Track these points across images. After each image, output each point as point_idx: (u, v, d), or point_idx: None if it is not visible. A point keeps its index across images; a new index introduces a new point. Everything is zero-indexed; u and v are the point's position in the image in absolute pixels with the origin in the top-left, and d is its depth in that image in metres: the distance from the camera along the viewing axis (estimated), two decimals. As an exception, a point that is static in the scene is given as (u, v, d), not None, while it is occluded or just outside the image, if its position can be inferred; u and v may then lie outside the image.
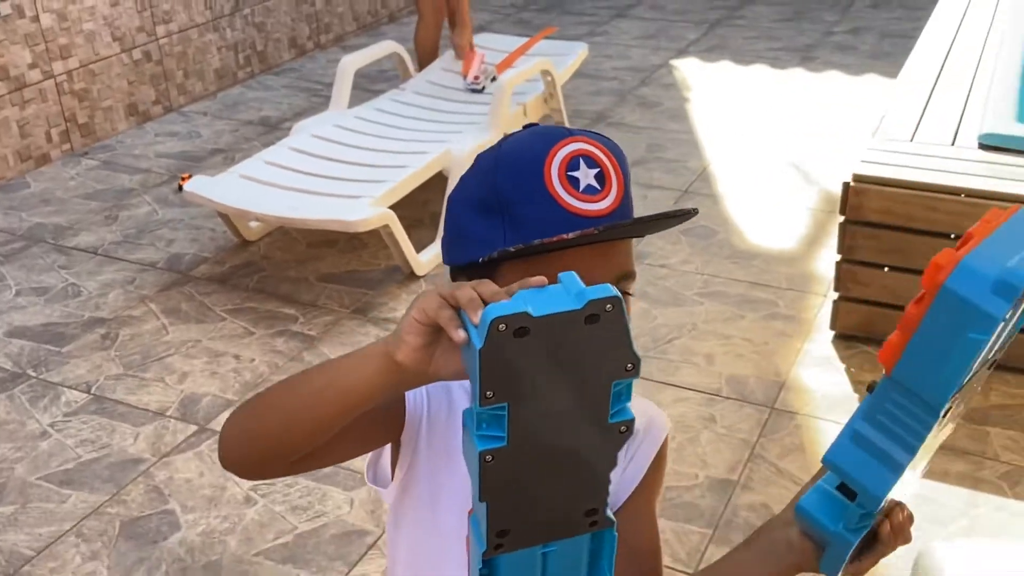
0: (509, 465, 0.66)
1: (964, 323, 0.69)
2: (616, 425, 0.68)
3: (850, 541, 0.84)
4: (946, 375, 0.73)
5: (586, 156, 0.90)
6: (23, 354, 2.93)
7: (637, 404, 0.93)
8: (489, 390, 0.63)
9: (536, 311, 0.62)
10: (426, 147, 3.44)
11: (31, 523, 2.31)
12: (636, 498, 1.02)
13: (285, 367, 2.84)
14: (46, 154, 4.18)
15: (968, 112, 3.03)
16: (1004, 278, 0.67)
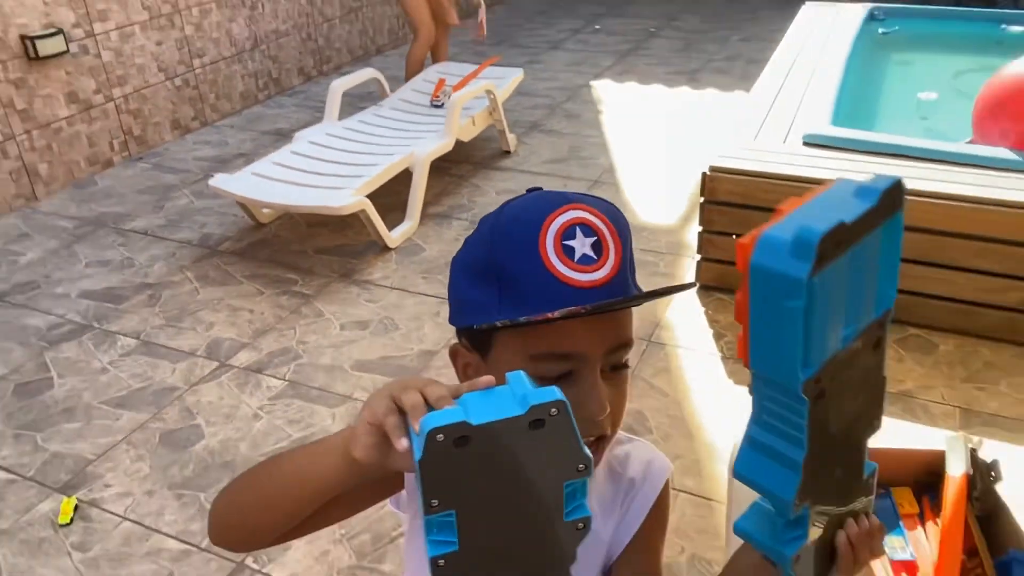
0: (462, 566, 0.53)
1: (778, 294, 0.53)
2: (573, 523, 0.55)
3: (785, 553, 0.63)
4: (786, 352, 0.55)
5: (583, 224, 0.70)
6: (89, 310, 2.94)
7: (637, 450, 0.84)
8: (433, 499, 0.51)
9: (476, 419, 0.50)
10: (395, 150, 3.44)
11: (93, 435, 2.35)
12: (636, 543, 0.83)
13: (287, 318, 2.87)
14: (110, 159, 4.15)
15: (797, 118, 3.08)
16: (799, 237, 0.52)
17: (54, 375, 2.60)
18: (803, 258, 0.51)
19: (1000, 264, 2.48)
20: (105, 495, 2.13)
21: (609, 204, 0.78)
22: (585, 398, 0.70)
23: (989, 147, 2.68)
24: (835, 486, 0.65)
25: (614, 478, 0.84)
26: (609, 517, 0.82)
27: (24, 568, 1.92)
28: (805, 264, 0.51)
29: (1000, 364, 2.49)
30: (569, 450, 0.52)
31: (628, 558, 0.82)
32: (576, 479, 0.54)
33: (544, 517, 0.54)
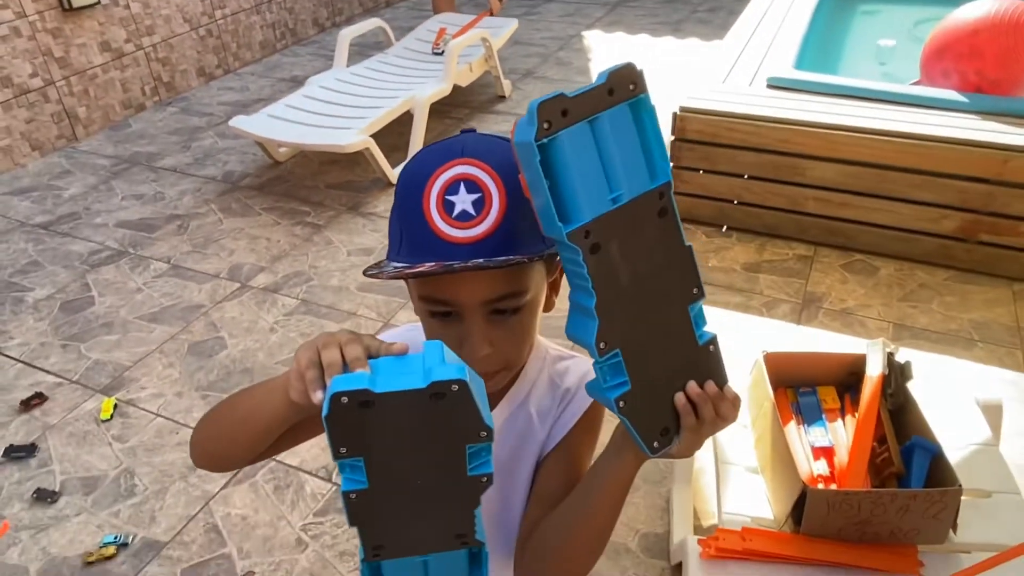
0: (374, 501, 0.54)
1: (525, 160, 0.57)
2: (476, 477, 0.55)
3: (608, 397, 0.63)
4: (543, 208, 0.58)
5: (468, 180, 0.65)
6: (125, 238, 2.98)
7: (576, 365, 0.83)
8: (341, 447, 0.51)
9: (380, 387, 0.50)
10: (398, 93, 3.40)
11: (130, 345, 2.41)
12: (562, 445, 0.81)
13: (300, 245, 2.90)
14: (142, 103, 4.13)
15: (764, 63, 3.03)
16: (528, 108, 0.56)
17: (95, 294, 2.65)
18: (531, 124, 0.55)
19: (938, 195, 2.48)
20: (140, 396, 2.20)
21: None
22: (464, 338, 0.69)
23: (932, 88, 2.64)
24: (659, 344, 0.64)
25: (553, 389, 0.83)
26: (545, 422, 0.81)
27: (72, 456, 2.01)
28: (531, 128, 0.55)
29: (933, 286, 2.51)
30: (470, 420, 0.52)
31: (550, 458, 0.81)
32: (479, 443, 0.53)
33: (448, 470, 0.54)
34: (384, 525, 0.56)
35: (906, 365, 1.49)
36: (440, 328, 0.71)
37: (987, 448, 1.52)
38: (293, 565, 1.71)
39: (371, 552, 0.57)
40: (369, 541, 0.56)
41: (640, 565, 1.68)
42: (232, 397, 0.72)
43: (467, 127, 0.73)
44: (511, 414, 0.82)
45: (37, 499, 1.88)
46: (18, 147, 3.55)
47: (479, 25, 4.10)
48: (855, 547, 1.30)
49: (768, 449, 1.48)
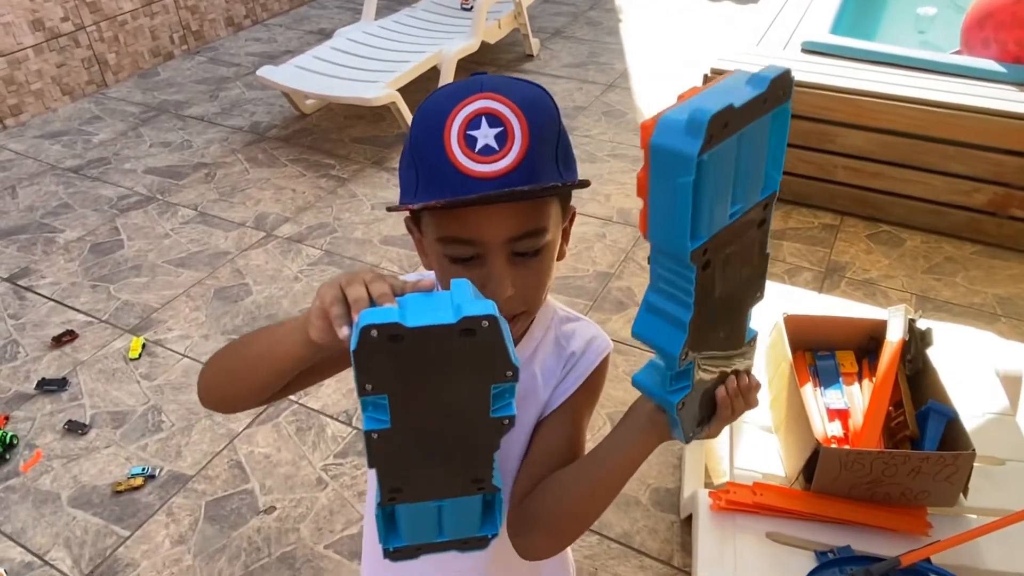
0: (395, 442, 0.53)
1: (671, 171, 0.53)
2: (499, 419, 0.54)
3: (671, 401, 0.65)
4: (677, 225, 0.54)
5: (489, 114, 0.64)
6: (154, 184, 3.02)
7: (582, 328, 0.83)
8: (367, 383, 0.50)
9: (410, 322, 0.49)
10: (425, 48, 3.39)
11: (158, 288, 2.47)
12: (563, 407, 0.81)
13: (325, 198, 2.92)
14: (171, 52, 4.14)
15: (799, 27, 2.97)
16: (692, 118, 0.51)
17: (124, 238, 2.70)
18: (695, 136, 0.51)
19: (971, 168, 2.44)
20: (168, 337, 2.26)
21: (535, 94, 0.68)
22: (487, 280, 0.68)
23: (971, 58, 2.58)
24: (719, 345, 0.66)
25: (559, 351, 0.83)
26: (548, 383, 0.81)
27: (101, 391, 2.08)
28: (696, 142, 0.51)
29: (959, 259, 2.49)
30: (498, 357, 0.51)
31: (553, 418, 0.81)
32: (504, 383, 0.52)
33: (472, 411, 0.53)
34: (403, 468, 0.55)
35: (927, 332, 1.50)
36: (462, 272, 0.69)
37: (1004, 417, 1.52)
38: (313, 502, 1.77)
39: (388, 496, 0.56)
40: (387, 484, 0.56)
41: (650, 517, 1.72)
42: (245, 337, 0.71)
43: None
44: None
45: (68, 430, 1.95)
46: (49, 91, 3.59)
47: (509, -19, 4.04)
48: (865, 506, 1.32)
49: (783, 409, 1.49)
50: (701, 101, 0.53)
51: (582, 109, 3.55)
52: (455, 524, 0.60)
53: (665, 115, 0.53)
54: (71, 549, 1.68)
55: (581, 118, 3.46)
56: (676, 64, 3.97)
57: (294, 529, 1.71)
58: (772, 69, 0.55)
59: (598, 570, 1.61)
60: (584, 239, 2.65)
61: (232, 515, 1.74)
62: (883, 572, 1.16)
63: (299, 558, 1.65)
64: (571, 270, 2.47)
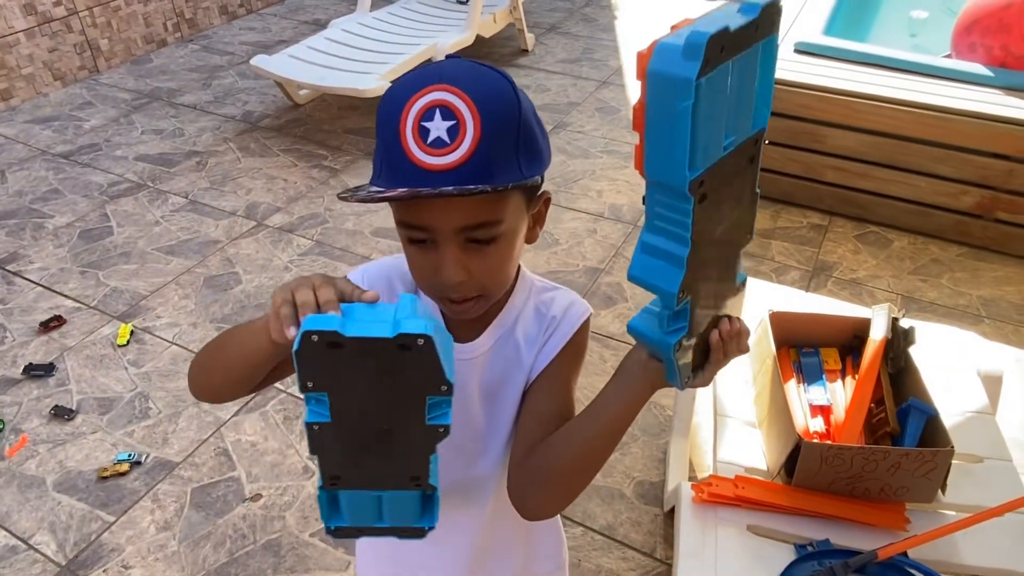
0: (334, 435, 0.56)
1: (670, 97, 0.52)
2: (434, 427, 0.56)
3: (668, 342, 0.64)
4: (676, 154, 0.54)
5: (443, 107, 0.64)
6: (144, 172, 3.01)
7: (561, 295, 0.85)
8: (308, 381, 0.53)
9: (349, 331, 0.51)
10: (420, 40, 3.38)
11: (147, 275, 2.46)
12: (549, 371, 0.82)
13: (317, 188, 2.92)
14: (164, 39, 4.12)
15: (793, 28, 2.98)
16: (689, 41, 0.50)
17: (113, 224, 2.69)
18: (692, 59, 0.50)
19: (957, 170, 2.46)
20: (156, 324, 2.25)
21: (495, 87, 0.68)
22: (439, 265, 0.70)
23: (959, 61, 2.60)
24: (712, 287, 0.66)
25: (539, 317, 0.84)
26: (531, 349, 0.83)
27: (88, 377, 2.07)
28: (694, 64, 0.50)
29: (945, 261, 2.51)
30: (433, 374, 0.52)
31: (541, 383, 0.83)
32: (439, 396, 0.54)
33: (408, 417, 0.55)
34: (342, 458, 0.57)
35: (910, 330, 1.51)
36: (418, 254, 0.72)
37: (983, 416, 1.54)
38: (300, 491, 1.77)
39: (328, 481, 0.59)
40: (327, 471, 0.58)
41: (634, 510, 1.73)
42: (222, 335, 0.74)
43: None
44: (499, 340, 0.83)
45: (55, 415, 1.94)
46: (40, 76, 3.56)
47: (505, -24, 4.03)
48: (845, 501, 1.34)
49: (767, 404, 1.51)
50: (696, 27, 0.52)
51: (575, 105, 3.56)
52: (394, 513, 0.61)
53: (661, 41, 0.53)
54: (56, 534, 1.67)
55: (575, 114, 3.46)
56: (670, 62, 3.98)
57: (280, 517, 1.72)
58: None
59: (581, 561, 1.63)
60: (575, 234, 2.65)
61: (218, 502, 1.74)
62: (860, 565, 1.18)
63: (284, 546, 1.66)
64: (561, 265, 2.47)
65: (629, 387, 0.71)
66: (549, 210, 0.80)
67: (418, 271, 0.74)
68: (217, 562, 1.62)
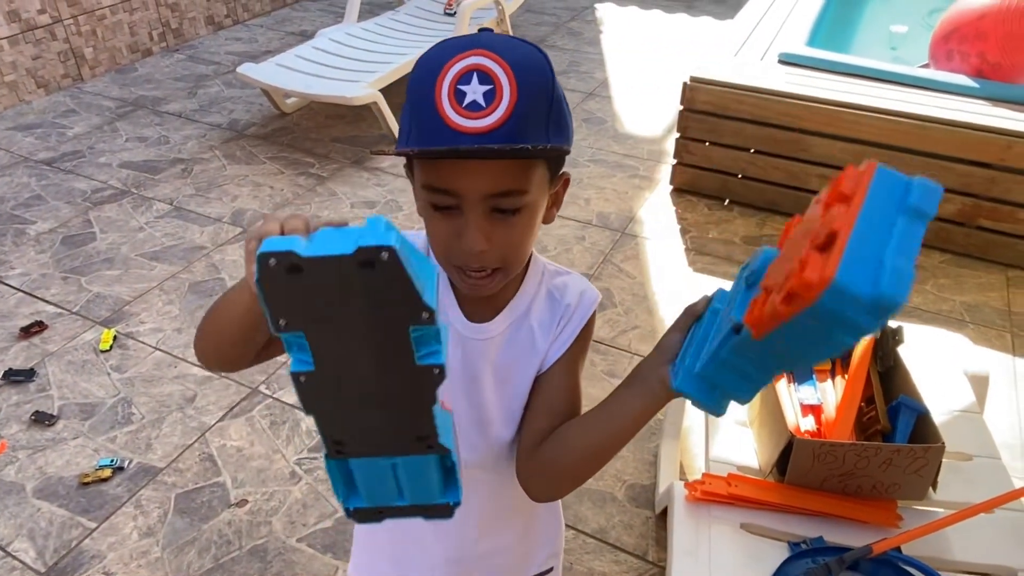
0: (324, 386, 0.50)
1: (839, 329, 0.46)
2: (428, 367, 0.50)
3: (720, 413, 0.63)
4: (813, 359, 0.51)
5: (480, 71, 0.64)
6: (129, 178, 2.98)
7: (573, 281, 0.85)
8: (280, 318, 0.47)
9: (307, 252, 0.45)
10: (408, 50, 3.40)
11: (131, 281, 2.43)
12: (562, 360, 0.83)
13: (303, 195, 2.91)
14: (149, 48, 4.10)
15: (777, 40, 3.03)
16: (877, 301, 0.43)
17: (97, 231, 2.66)
18: (882, 317, 0.44)
19: (939, 178, 2.43)
20: (140, 329, 2.22)
21: (532, 58, 0.68)
22: (463, 231, 0.70)
23: (940, 72, 2.65)
24: None
25: (553, 303, 0.85)
26: (547, 334, 0.84)
27: (70, 383, 2.03)
28: (882, 321, 0.44)
29: (929, 267, 2.54)
30: (407, 297, 0.47)
31: (554, 371, 0.83)
32: (422, 326, 0.48)
33: (395, 356, 0.49)
34: (340, 417, 0.52)
35: (898, 330, 1.52)
36: (441, 221, 0.71)
37: (971, 415, 1.55)
38: (286, 496, 1.74)
39: (333, 448, 0.54)
40: (327, 434, 0.53)
41: (625, 513, 1.72)
42: (218, 300, 0.72)
43: None
44: (513, 323, 0.84)
45: (35, 421, 1.90)
46: (24, 83, 3.53)
47: (493, -11, 4.07)
48: (837, 498, 1.34)
49: (758, 403, 1.51)
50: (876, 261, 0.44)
51: (562, 115, 3.57)
52: (414, 488, 0.57)
53: (841, 281, 0.44)
54: (35, 540, 1.63)
55: (561, 124, 3.48)
56: (655, 74, 4.03)
57: (266, 522, 1.69)
58: (927, 190, 0.48)
59: (573, 564, 1.61)
60: (564, 241, 2.66)
61: (203, 508, 1.71)
62: (855, 560, 1.17)
63: (271, 551, 1.63)
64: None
65: (651, 401, 0.70)
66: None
67: (438, 238, 0.72)
68: (202, 568, 1.58)
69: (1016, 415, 2.01)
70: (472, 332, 0.82)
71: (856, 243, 0.45)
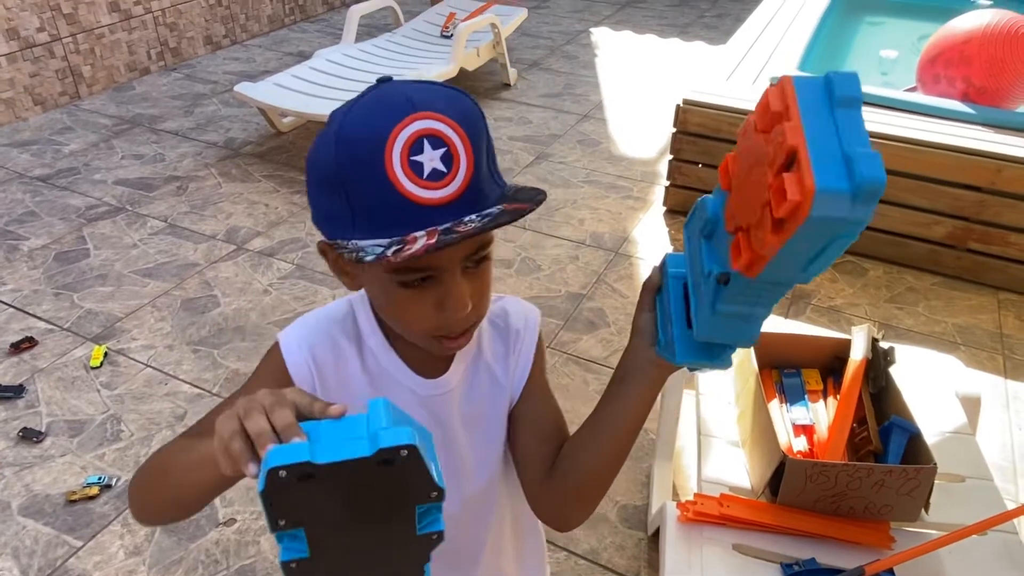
0: (316, 567, 0.49)
1: (832, 232, 0.47)
2: (427, 535, 0.50)
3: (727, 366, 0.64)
4: (817, 267, 0.51)
5: (431, 136, 0.59)
6: (124, 195, 2.98)
7: (511, 304, 0.84)
8: (280, 519, 0.46)
9: (321, 458, 0.44)
10: (403, 71, 3.42)
11: (123, 298, 2.42)
12: (530, 386, 0.81)
13: (298, 213, 2.91)
14: (147, 67, 4.12)
15: (769, 63, 3.06)
16: (865, 187, 0.44)
17: (90, 247, 2.65)
18: (870, 203, 0.45)
19: (930, 201, 2.52)
20: (131, 346, 2.21)
21: (457, 98, 0.64)
22: (446, 299, 0.66)
23: (929, 96, 2.69)
24: None
25: (500, 333, 0.82)
26: (505, 366, 0.81)
27: (59, 399, 2.02)
28: (871, 207, 0.45)
29: (921, 290, 2.55)
30: (421, 482, 0.47)
31: (527, 400, 0.81)
32: (428, 504, 0.49)
33: (397, 532, 0.49)
34: None
35: (889, 350, 1.53)
36: (413, 297, 0.66)
37: (964, 436, 1.55)
38: (275, 515, 1.72)
39: None
40: None
41: (617, 534, 1.71)
42: (164, 457, 0.68)
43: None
44: (469, 365, 0.81)
45: (23, 438, 1.88)
46: (20, 100, 3.54)
47: (488, 11, 4.12)
48: (829, 519, 1.33)
49: (750, 423, 1.50)
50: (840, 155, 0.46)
51: (557, 137, 3.60)
52: None
53: (822, 186, 0.45)
54: (19, 559, 1.61)
55: (556, 145, 3.51)
56: (649, 97, 4.07)
57: (254, 542, 1.67)
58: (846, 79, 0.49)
59: (564, 586, 1.59)
60: (557, 260, 2.66)
61: (190, 527, 1.69)
62: (847, 582, 1.16)
63: (259, 572, 1.60)
64: (544, 290, 2.48)
65: (648, 387, 0.69)
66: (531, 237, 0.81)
67: (413, 315, 0.68)
68: (188, 589, 1.56)
69: (1008, 437, 2.01)
70: (431, 389, 0.78)
71: (815, 149, 0.46)
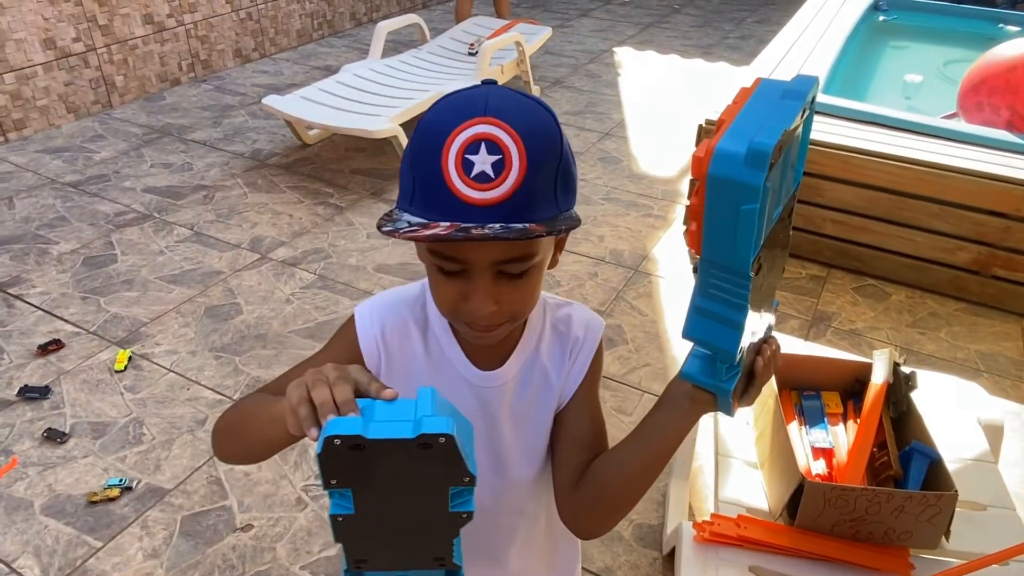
0: (359, 524, 0.56)
1: (735, 199, 0.55)
2: (457, 513, 0.56)
3: (727, 388, 0.69)
4: (740, 244, 0.58)
5: (489, 140, 0.62)
6: (151, 203, 3.04)
7: (576, 312, 0.87)
8: (332, 479, 0.54)
9: (371, 434, 0.52)
10: (429, 87, 3.47)
11: (148, 303, 2.46)
12: (580, 393, 0.84)
13: (321, 224, 2.95)
14: (178, 78, 4.21)
15: (792, 86, 3.06)
16: (753, 150, 0.52)
17: (118, 252, 2.70)
18: (759, 168, 0.52)
19: (954, 226, 2.50)
20: (155, 351, 2.24)
21: (540, 120, 0.67)
22: (469, 294, 0.70)
23: (958, 122, 2.67)
24: (756, 322, 0.70)
25: (560, 337, 0.85)
26: (560, 370, 0.84)
27: (84, 401, 2.05)
28: (761, 173, 0.52)
29: (943, 315, 2.53)
30: (455, 467, 0.53)
31: (575, 407, 0.84)
32: (462, 486, 0.55)
33: (432, 506, 0.56)
34: (367, 544, 0.58)
35: (911, 375, 1.52)
36: (445, 282, 0.71)
37: (985, 464, 1.53)
38: (292, 522, 1.74)
39: (353, 564, 0.59)
40: (352, 556, 0.59)
41: (632, 553, 1.70)
42: (245, 408, 0.75)
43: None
44: (524, 364, 0.84)
45: (47, 438, 1.92)
46: (55, 108, 3.63)
47: (513, 30, 4.17)
48: (848, 544, 1.32)
49: (768, 445, 1.50)
50: (752, 128, 0.54)
51: (579, 154, 3.62)
52: None
53: (720, 147, 0.54)
54: (40, 558, 1.63)
55: (578, 163, 3.51)
56: (671, 117, 4.08)
57: (270, 548, 1.68)
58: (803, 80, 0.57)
59: (578, 603, 1.59)
60: (576, 277, 2.67)
61: (208, 531, 1.71)
62: (865, 607, 1.15)
63: (274, 578, 1.62)
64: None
65: (679, 418, 0.72)
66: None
67: (443, 298, 0.73)
68: (204, 593, 1.58)
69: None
70: (484, 381, 0.81)
71: (737, 124, 0.55)
